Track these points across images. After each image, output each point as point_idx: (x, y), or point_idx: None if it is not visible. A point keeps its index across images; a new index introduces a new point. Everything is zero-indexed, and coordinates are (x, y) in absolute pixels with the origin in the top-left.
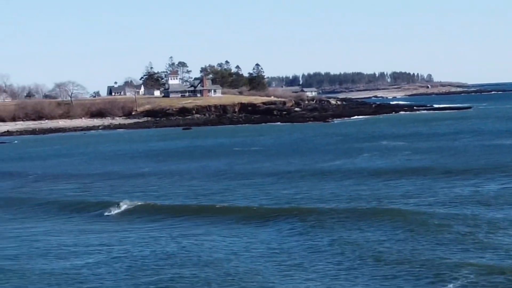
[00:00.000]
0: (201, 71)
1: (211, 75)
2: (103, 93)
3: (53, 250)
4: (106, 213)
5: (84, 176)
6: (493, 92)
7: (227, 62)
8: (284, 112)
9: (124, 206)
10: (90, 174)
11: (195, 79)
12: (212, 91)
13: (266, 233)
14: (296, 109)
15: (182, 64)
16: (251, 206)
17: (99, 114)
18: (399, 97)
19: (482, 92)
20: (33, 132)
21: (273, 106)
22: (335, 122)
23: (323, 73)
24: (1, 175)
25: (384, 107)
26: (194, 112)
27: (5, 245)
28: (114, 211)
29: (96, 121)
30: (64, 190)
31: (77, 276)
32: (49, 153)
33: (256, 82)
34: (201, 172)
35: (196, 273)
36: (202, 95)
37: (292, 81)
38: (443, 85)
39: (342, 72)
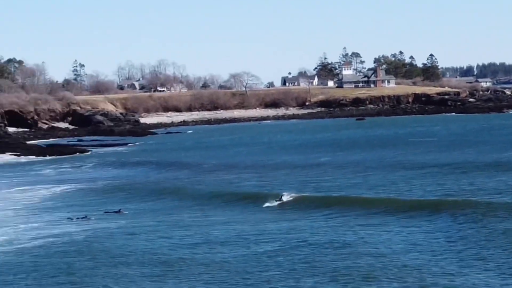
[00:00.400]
0: (374, 62)
1: (384, 66)
2: (277, 83)
3: (232, 239)
4: (276, 203)
5: (258, 166)
6: None
7: (400, 52)
8: (458, 103)
9: (292, 197)
10: (265, 165)
11: (369, 69)
12: (386, 81)
13: (441, 224)
14: (471, 99)
15: (356, 55)
16: (425, 197)
17: (273, 104)
18: None
19: None
20: (208, 122)
21: (447, 96)
22: (511, 112)
23: (498, 63)
24: (177, 165)
25: None
26: (367, 102)
27: (184, 234)
28: (287, 199)
29: (270, 111)
30: (237, 180)
31: (256, 264)
32: (223, 143)
33: (429, 72)
34: (376, 162)
35: (373, 263)
36: (375, 85)
37: (466, 72)
38: None
39: None
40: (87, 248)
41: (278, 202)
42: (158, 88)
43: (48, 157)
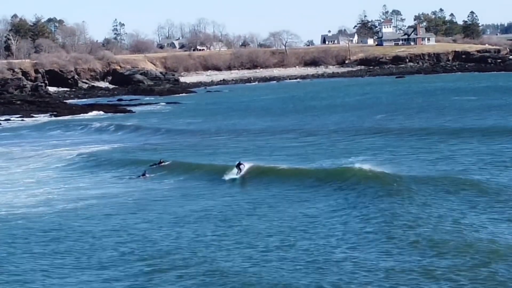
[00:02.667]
0: (414, 19)
1: (424, 23)
2: (317, 42)
3: None
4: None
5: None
6: None
7: (441, 10)
8: (499, 60)
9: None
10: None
11: (409, 27)
12: (426, 39)
13: None
14: (511, 57)
15: (396, 13)
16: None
17: (313, 63)
18: None
19: None
20: (248, 80)
21: (487, 54)
22: None
23: None
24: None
25: None
26: (407, 60)
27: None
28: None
29: (310, 70)
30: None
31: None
32: (267, 103)
33: (470, 30)
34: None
35: None
36: (415, 43)
37: (506, 29)
38: None
39: None
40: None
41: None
42: (198, 47)
43: (89, 116)
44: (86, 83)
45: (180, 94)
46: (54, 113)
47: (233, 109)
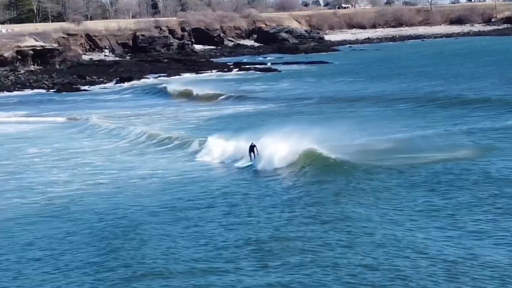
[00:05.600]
0: None
1: None
2: None
3: None
4: None
5: None
6: None
7: None
8: None
9: None
10: None
11: None
12: None
13: None
14: None
15: None
16: None
17: (458, 21)
18: None
19: None
20: (393, 39)
21: None
22: None
23: None
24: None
25: None
26: None
27: None
28: None
29: (455, 28)
30: None
31: None
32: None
33: None
34: None
35: None
36: None
37: None
38: None
39: None
40: None
41: None
42: (343, 5)
43: (234, 75)
44: (231, 41)
45: (325, 53)
46: (200, 71)
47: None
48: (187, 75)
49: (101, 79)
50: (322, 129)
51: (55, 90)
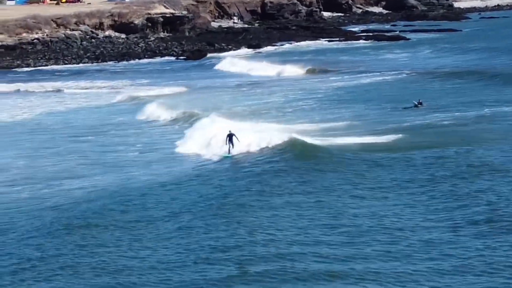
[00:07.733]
0: None
1: None
2: None
3: None
4: None
5: None
6: None
7: None
8: None
9: None
10: None
11: None
12: None
13: None
14: None
15: None
16: None
17: None
18: None
19: None
20: None
21: None
22: None
23: None
24: None
25: None
26: None
27: None
28: None
29: None
30: None
31: None
32: None
33: None
34: None
35: None
36: None
37: None
38: None
39: None
40: None
41: None
42: None
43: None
44: (359, 8)
45: (454, 21)
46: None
47: None
48: (312, 42)
49: (230, 46)
50: None
51: (184, 57)
